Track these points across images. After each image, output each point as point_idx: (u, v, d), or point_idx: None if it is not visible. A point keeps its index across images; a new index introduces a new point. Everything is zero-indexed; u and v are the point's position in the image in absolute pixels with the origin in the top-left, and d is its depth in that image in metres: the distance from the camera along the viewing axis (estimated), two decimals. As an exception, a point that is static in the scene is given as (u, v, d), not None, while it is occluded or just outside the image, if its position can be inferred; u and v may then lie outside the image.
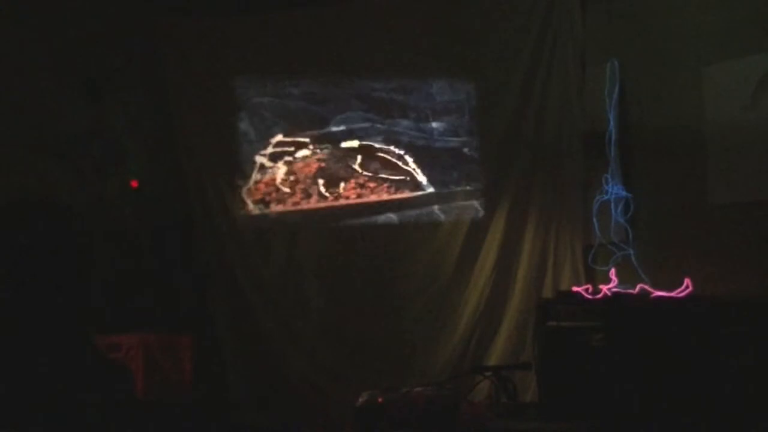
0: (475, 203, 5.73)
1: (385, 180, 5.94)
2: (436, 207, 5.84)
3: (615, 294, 4.77)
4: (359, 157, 6.01)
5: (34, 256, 2.22)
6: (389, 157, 5.94)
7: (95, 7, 5.63)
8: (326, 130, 6.08)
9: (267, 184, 6.15)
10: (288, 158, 6.14)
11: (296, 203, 6.09)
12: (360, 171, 6.00)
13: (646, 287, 4.71)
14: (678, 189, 5.03)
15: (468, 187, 5.77)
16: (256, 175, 6.16)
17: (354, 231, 5.97)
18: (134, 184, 5.90)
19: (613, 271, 4.98)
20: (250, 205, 6.14)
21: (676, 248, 4.97)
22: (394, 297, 5.81)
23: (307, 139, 6.13)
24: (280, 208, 6.11)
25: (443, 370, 5.54)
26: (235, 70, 6.15)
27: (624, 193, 5.17)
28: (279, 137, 6.16)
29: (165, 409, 4.85)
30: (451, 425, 4.43)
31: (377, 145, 5.98)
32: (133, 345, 4.97)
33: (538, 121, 5.55)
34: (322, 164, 6.10)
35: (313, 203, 6.08)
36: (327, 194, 6.06)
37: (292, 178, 6.13)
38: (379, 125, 6.00)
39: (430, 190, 5.89)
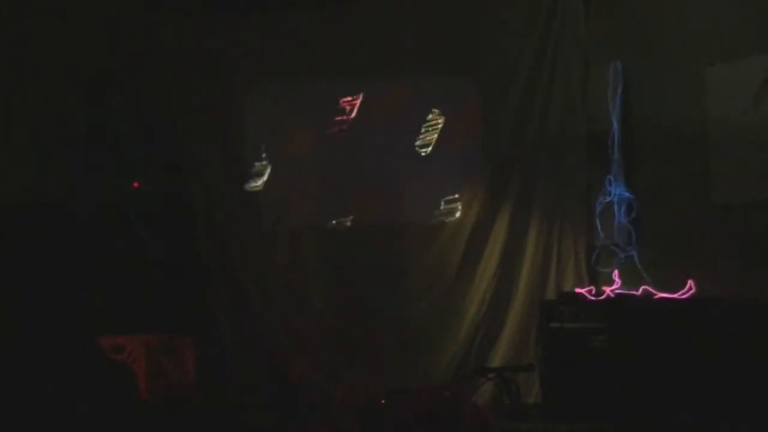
0: (478, 205, 5.71)
1: (388, 180, 5.93)
2: (439, 208, 5.82)
3: (618, 295, 4.77)
4: (361, 157, 5.99)
5: (35, 256, 2.22)
6: (392, 158, 5.92)
7: (95, 7, 5.63)
8: (327, 129, 6.07)
9: (268, 185, 6.14)
10: (289, 158, 6.13)
11: (298, 203, 6.07)
12: (363, 171, 5.98)
13: (649, 289, 4.71)
14: (681, 190, 5.02)
15: (471, 189, 5.75)
16: (256, 175, 6.15)
17: (357, 232, 5.95)
18: (135, 184, 5.89)
19: (616, 272, 4.97)
20: (252, 206, 6.12)
21: (680, 250, 4.95)
22: (397, 298, 5.79)
23: (308, 139, 6.12)
24: (282, 208, 6.09)
25: (446, 371, 5.54)
26: (236, 70, 6.14)
27: (627, 195, 5.15)
28: (280, 137, 6.16)
29: (167, 409, 4.85)
30: (454, 427, 4.42)
31: (379, 146, 5.96)
32: (136, 346, 4.97)
33: (541, 122, 5.54)
34: (324, 164, 6.09)
35: (315, 204, 6.06)
36: (329, 194, 6.05)
37: (293, 178, 6.12)
38: (380, 126, 5.98)
39: (432, 191, 5.87)
